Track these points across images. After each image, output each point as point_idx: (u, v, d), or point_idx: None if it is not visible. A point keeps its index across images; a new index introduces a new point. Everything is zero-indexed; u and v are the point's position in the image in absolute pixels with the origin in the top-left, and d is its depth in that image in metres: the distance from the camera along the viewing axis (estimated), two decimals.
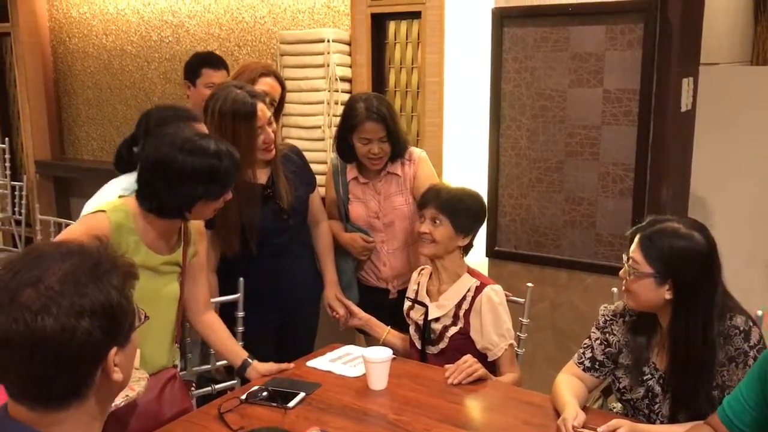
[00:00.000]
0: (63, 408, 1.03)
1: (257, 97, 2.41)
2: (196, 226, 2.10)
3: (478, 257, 3.28)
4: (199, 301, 2.11)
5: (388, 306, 2.71)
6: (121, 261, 1.09)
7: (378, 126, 2.59)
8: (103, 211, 1.89)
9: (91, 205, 2.16)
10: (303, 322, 2.71)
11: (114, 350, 1.02)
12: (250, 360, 2.14)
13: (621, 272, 1.83)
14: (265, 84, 2.77)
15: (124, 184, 2.18)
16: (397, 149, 2.68)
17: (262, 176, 2.52)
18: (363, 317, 2.52)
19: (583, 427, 1.69)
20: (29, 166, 5.04)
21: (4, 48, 5.15)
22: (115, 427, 1.82)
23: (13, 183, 5.00)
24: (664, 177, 2.85)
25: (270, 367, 2.14)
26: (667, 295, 1.75)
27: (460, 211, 2.28)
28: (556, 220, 3.09)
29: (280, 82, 2.86)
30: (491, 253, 3.26)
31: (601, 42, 2.85)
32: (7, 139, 5.13)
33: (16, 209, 4.98)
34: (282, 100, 2.91)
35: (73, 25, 4.85)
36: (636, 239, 1.79)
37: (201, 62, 3.23)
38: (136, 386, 1.76)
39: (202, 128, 2.20)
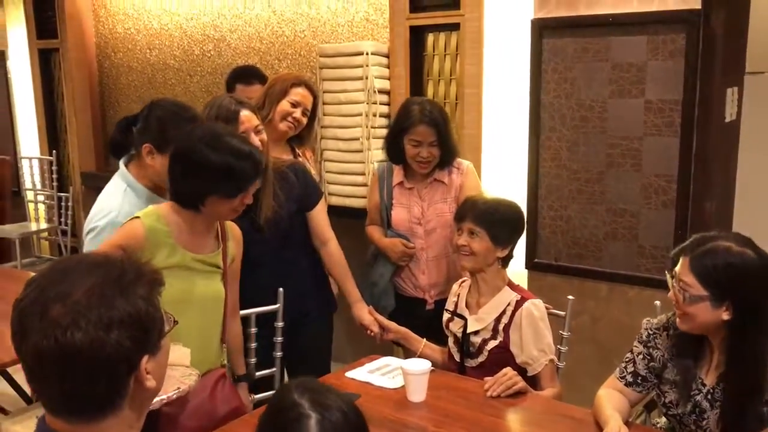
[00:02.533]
0: (99, 419, 1.04)
1: (243, 104, 2.42)
2: (234, 232, 2.13)
3: (517, 269, 3.26)
4: (228, 306, 2.14)
5: (424, 317, 2.70)
6: (146, 269, 1.10)
7: (430, 130, 2.61)
8: (138, 217, 1.94)
9: (107, 219, 2.16)
10: (303, 343, 2.61)
11: (145, 358, 1.03)
12: (243, 378, 2.25)
13: (670, 294, 1.79)
14: (297, 94, 2.79)
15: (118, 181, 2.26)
16: (447, 156, 2.69)
17: None
18: (399, 331, 2.48)
19: None
20: (75, 178, 5.16)
21: (52, 63, 5.30)
22: (168, 426, 1.86)
23: (59, 194, 5.13)
24: (707, 188, 2.80)
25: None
26: (725, 316, 1.70)
27: (497, 222, 2.27)
28: (597, 232, 3.05)
29: (312, 91, 2.86)
30: (531, 265, 3.24)
31: (642, 52, 2.82)
32: (54, 151, 5.26)
33: (63, 219, 5.11)
34: (315, 109, 2.92)
35: (118, 41, 4.97)
36: (683, 260, 1.74)
37: (234, 78, 3.30)
38: (186, 380, 1.78)
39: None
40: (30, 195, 5.41)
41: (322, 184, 3.47)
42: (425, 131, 2.62)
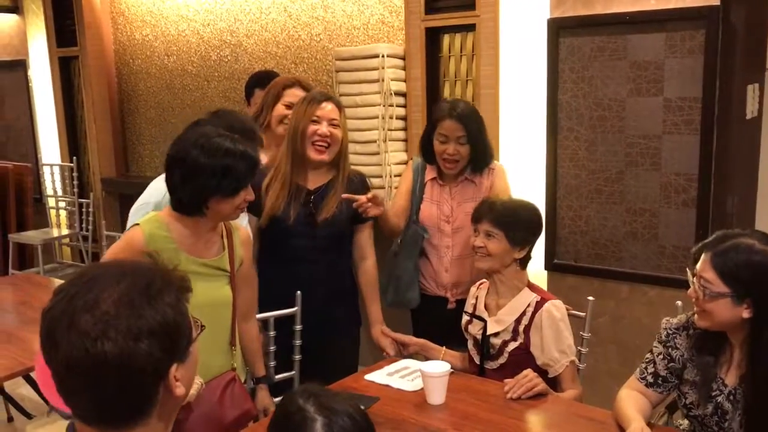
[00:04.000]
0: (129, 427, 1.04)
1: (330, 98, 2.54)
2: (241, 234, 2.13)
3: (536, 270, 3.24)
4: (241, 309, 2.14)
5: (446, 316, 2.69)
6: (174, 275, 1.10)
7: (457, 125, 2.60)
8: (138, 224, 1.96)
9: (136, 206, 2.33)
10: (331, 359, 2.59)
11: (174, 366, 1.04)
12: (262, 380, 2.24)
13: (689, 291, 1.77)
14: (291, 95, 2.81)
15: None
16: (479, 159, 2.68)
17: (312, 182, 2.55)
18: (417, 343, 2.46)
19: None
20: (96, 184, 5.22)
21: (72, 71, 5.36)
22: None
23: (80, 200, 5.19)
24: (729, 186, 2.77)
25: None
26: (746, 314, 1.68)
27: (514, 223, 2.25)
28: (617, 232, 3.03)
29: (306, 89, 2.88)
30: (550, 266, 3.22)
31: (660, 50, 2.79)
32: (74, 158, 5.32)
33: (83, 225, 5.16)
34: None
35: (137, 47, 5.02)
36: (705, 257, 1.72)
37: (253, 83, 3.32)
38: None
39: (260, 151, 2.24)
40: (51, 201, 5.48)
41: None
42: (452, 126, 2.61)
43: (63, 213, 5.47)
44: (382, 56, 3.43)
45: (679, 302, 2.26)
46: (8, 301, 3.33)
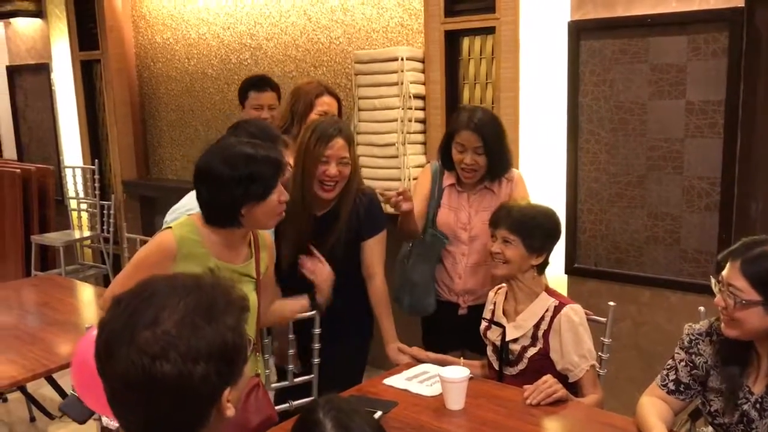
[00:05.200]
0: None
1: (341, 132, 2.45)
2: (267, 240, 2.14)
3: (556, 274, 3.22)
4: (261, 313, 2.14)
5: (457, 323, 2.67)
6: (234, 295, 1.08)
7: (474, 136, 2.57)
8: (170, 227, 1.96)
9: (170, 215, 2.32)
10: (334, 369, 2.57)
11: (228, 390, 1.03)
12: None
13: (717, 300, 1.74)
14: (323, 104, 2.82)
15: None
16: (496, 168, 2.64)
17: (319, 208, 2.53)
18: (435, 359, 2.41)
19: None
20: (117, 186, 5.26)
21: (94, 74, 5.41)
22: None
23: (101, 202, 5.23)
24: (752, 190, 2.73)
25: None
26: None
27: (531, 229, 2.23)
28: (638, 236, 3.00)
29: (335, 96, 2.90)
30: (570, 270, 3.19)
31: (682, 52, 2.76)
32: (96, 160, 5.37)
33: (105, 227, 5.21)
34: (340, 112, 2.98)
35: (158, 51, 5.05)
36: (732, 264, 1.69)
37: (248, 86, 3.34)
38: None
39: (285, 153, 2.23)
40: (73, 203, 5.53)
41: None
42: (469, 137, 2.58)
43: (84, 215, 5.52)
44: (402, 59, 3.42)
45: (701, 308, 2.23)
46: (30, 303, 3.37)
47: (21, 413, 3.74)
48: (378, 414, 1.96)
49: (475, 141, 2.58)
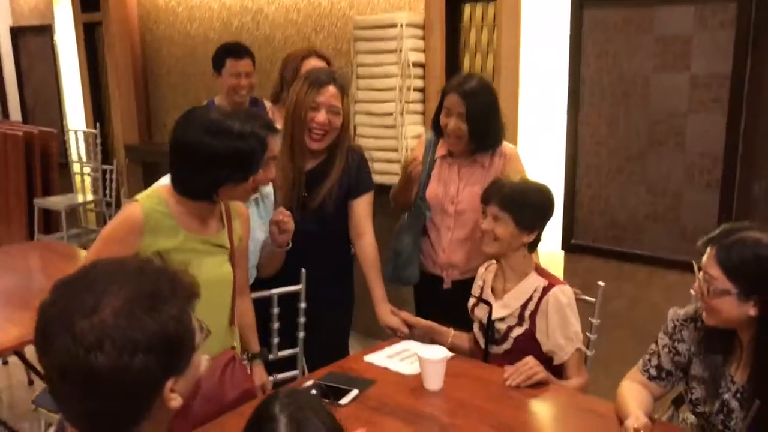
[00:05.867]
0: None
1: (334, 81, 2.40)
2: (240, 211, 2.08)
3: (553, 250, 3.16)
4: (236, 285, 2.10)
5: (442, 297, 2.63)
6: (183, 281, 1.04)
7: (459, 100, 2.50)
8: (137, 200, 1.91)
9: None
10: (319, 335, 2.56)
11: (172, 380, 0.99)
12: (257, 356, 2.21)
13: (695, 286, 1.68)
14: (311, 66, 2.74)
15: None
16: (481, 138, 2.55)
17: (309, 162, 2.47)
18: (425, 326, 2.39)
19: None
20: (119, 151, 5.24)
21: (96, 36, 5.35)
22: (179, 412, 1.84)
23: (104, 166, 5.21)
24: (755, 169, 2.64)
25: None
26: (752, 312, 1.58)
27: (523, 207, 2.16)
28: (637, 213, 2.92)
29: (324, 58, 2.83)
30: (567, 246, 3.13)
31: (688, 23, 2.65)
32: (98, 124, 5.34)
33: (107, 192, 5.19)
34: None
35: (160, 13, 4.98)
36: (710, 251, 1.63)
37: (224, 53, 3.28)
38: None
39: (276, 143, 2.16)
40: (76, 167, 5.51)
41: None
42: (454, 101, 2.51)
43: (87, 179, 5.51)
44: (401, 26, 3.33)
45: (693, 290, 2.16)
46: (27, 268, 3.36)
47: (20, 377, 3.77)
48: (354, 393, 1.93)
49: (459, 106, 2.50)
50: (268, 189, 2.39)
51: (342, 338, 2.69)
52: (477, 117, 2.51)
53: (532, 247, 2.26)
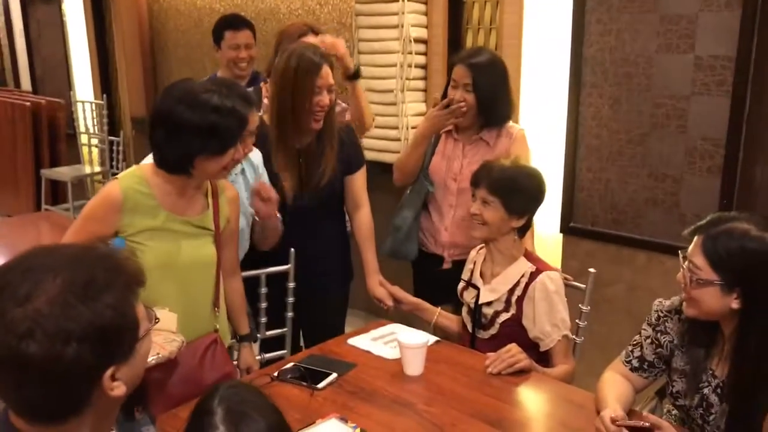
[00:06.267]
0: (60, 423, 1.00)
1: (325, 59, 2.34)
2: (228, 193, 2.06)
3: (551, 233, 3.11)
4: (225, 266, 2.08)
5: (441, 276, 2.60)
6: (125, 269, 1.01)
7: (465, 72, 2.47)
8: (117, 178, 1.89)
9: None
10: (321, 305, 2.59)
11: (110, 369, 0.97)
12: (246, 339, 2.20)
13: (678, 276, 1.64)
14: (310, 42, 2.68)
15: None
16: (488, 112, 2.51)
17: (300, 140, 2.43)
18: (412, 302, 2.38)
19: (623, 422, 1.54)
20: (126, 123, 5.23)
21: (104, 6, 5.31)
22: (157, 392, 1.84)
23: (110, 138, 5.21)
24: (759, 155, 2.56)
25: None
26: (734, 305, 1.54)
27: (512, 191, 2.12)
28: (637, 197, 2.86)
29: (318, 33, 2.78)
30: (566, 229, 3.08)
31: (694, 2, 2.56)
32: (105, 95, 5.32)
33: (114, 163, 5.20)
34: None
35: None
36: (696, 240, 1.58)
37: (223, 25, 3.24)
38: (168, 346, 1.75)
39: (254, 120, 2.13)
40: (84, 138, 5.52)
41: None
42: (460, 72, 2.48)
43: (95, 150, 5.51)
44: (403, 0, 3.26)
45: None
46: (25, 242, 3.37)
47: None
48: (333, 376, 1.91)
49: (465, 77, 2.47)
50: (257, 159, 2.35)
51: (342, 316, 2.69)
52: (483, 89, 2.48)
53: (522, 231, 2.22)
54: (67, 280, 0.95)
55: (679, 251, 1.65)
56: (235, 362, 2.19)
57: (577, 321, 2.27)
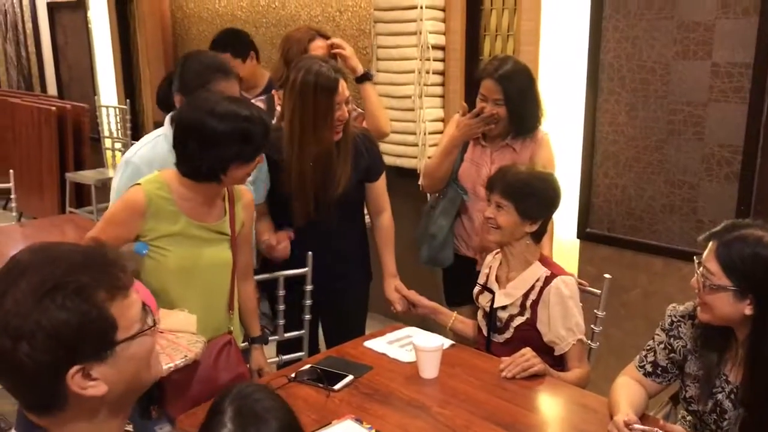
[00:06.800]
0: (49, 415, 1.03)
1: (340, 73, 2.37)
2: (243, 198, 2.11)
3: (568, 238, 3.12)
4: (239, 270, 2.13)
5: (474, 279, 2.63)
6: (105, 271, 1.02)
7: (495, 86, 2.49)
8: (139, 184, 1.94)
9: (126, 156, 2.27)
10: (342, 306, 2.63)
11: (74, 369, 0.98)
12: (257, 340, 2.26)
13: (692, 281, 1.66)
14: (318, 48, 2.72)
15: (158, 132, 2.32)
16: (519, 123, 2.54)
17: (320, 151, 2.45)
18: (427, 306, 2.39)
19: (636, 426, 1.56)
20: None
21: (129, 13, 5.40)
22: (176, 392, 1.89)
23: (133, 142, 5.28)
24: None
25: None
26: (747, 311, 1.56)
27: (526, 196, 2.14)
28: (654, 204, 2.86)
29: (326, 37, 2.81)
30: (583, 234, 3.09)
31: (711, 9, 2.57)
32: (128, 100, 5.41)
33: None
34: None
35: None
36: (711, 246, 1.60)
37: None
38: (193, 348, 1.80)
39: (233, 86, 2.20)
40: (108, 142, 5.61)
41: None
42: (490, 86, 2.50)
43: (119, 154, 5.60)
44: (421, 7, 3.29)
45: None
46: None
47: None
48: (349, 378, 1.95)
49: (495, 91, 2.49)
50: None
51: (362, 316, 2.73)
52: (515, 102, 2.51)
53: (537, 236, 2.23)
54: (36, 282, 0.97)
55: (694, 257, 1.67)
56: (247, 364, 2.23)
57: (592, 326, 2.28)
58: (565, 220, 3.07)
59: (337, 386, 1.91)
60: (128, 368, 1.04)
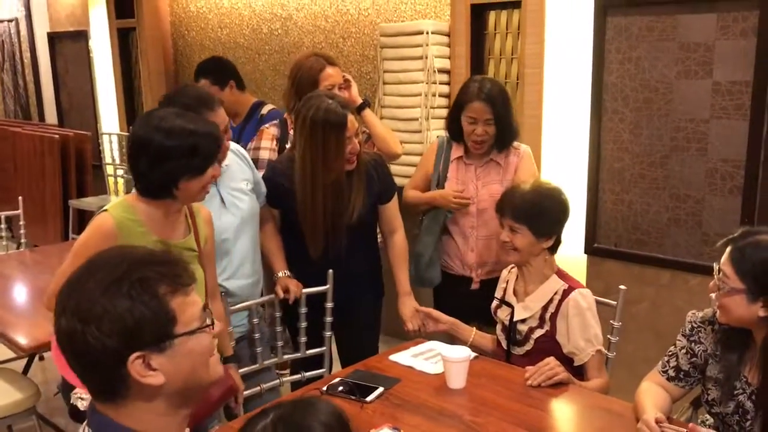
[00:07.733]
0: (113, 402, 1.09)
1: (347, 108, 2.44)
2: (203, 214, 2.13)
3: (575, 254, 3.20)
4: (207, 289, 2.14)
5: (470, 297, 2.69)
6: (167, 270, 1.11)
7: (485, 107, 2.58)
8: (106, 210, 1.96)
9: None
10: (355, 323, 2.68)
11: (134, 356, 1.05)
12: (231, 360, 2.25)
13: (710, 285, 1.74)
14: (329, 77, 2.77)
15: None
16: (503, 137, 2.65)
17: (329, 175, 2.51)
18: (447, 321, 2.44)
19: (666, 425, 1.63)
20: None
21: (130, 42, 5.48)
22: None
23: None
24: None
25: None
26: (761, 313, 1.64)
27: (537, 216, 2.21)
28: (660, 218, 2.95)
29: (336, 64, 2.87)
30: (590, 249, 3.17)
31: (711, 31, 2.68)
32: (130, 127, 5.46)
33: None
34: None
35: (192, 19, 5.09)
36: (727, 251, 1.69)
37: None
38: None
39: (219, 116, 2.23)
40: (110, 169, 5.66)
41: None
42: (481, 108, 2.59)
43: (121, 180, 5.64)
44: (427, 33, 3.40)
45: (713, 294, 2.19)
46: (52, 269, 3.45)
47: (56, 372, 3.89)
48: (380, 390, 2.00)
49: (486, 112, 2.59)
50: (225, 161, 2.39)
51: (375, 334, 2.78)
52: (503, 119, 2.62)
53: (554, 249, 2.31)
54: (104, 273, 1.08)
55: (714, 263, 1.75)
56: None
57: (608, 336, 2.35)
58: (573, 235, 3.14)
59: (369, 398, 1.96)
60: (186, 363, 1.11)
